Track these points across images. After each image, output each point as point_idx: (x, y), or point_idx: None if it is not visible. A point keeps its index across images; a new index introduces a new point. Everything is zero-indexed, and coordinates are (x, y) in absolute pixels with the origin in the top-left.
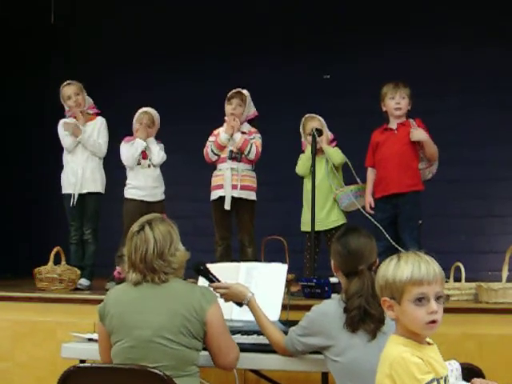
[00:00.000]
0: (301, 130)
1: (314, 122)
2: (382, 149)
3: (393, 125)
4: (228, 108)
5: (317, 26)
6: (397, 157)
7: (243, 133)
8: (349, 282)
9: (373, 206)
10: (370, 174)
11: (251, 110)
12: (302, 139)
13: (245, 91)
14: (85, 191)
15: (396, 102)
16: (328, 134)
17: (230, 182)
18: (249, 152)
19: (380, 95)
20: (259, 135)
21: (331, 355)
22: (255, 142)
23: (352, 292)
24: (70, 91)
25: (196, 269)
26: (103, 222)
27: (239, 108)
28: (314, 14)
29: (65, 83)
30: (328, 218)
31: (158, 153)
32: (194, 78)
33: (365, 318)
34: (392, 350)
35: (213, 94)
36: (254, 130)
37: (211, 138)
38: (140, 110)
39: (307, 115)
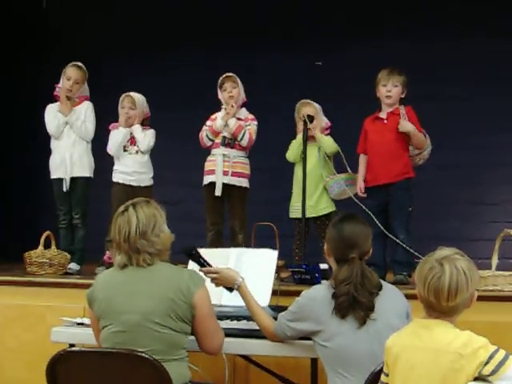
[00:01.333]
0: (295, 115)
1: (308, 107)
2: (371, 138)
3: (383, 114)
4: (224, 94)
5: (317, 12)
6: (386, 147)
7: (239, 119)
8: (339, 268)
9: (363, 190)
10: (362, 160)
11: (243, 94)
12: (298, 125)
13: (233, 74)
14: (73, 176)
15: (387, 89)
16: (323, 122)
17: (222, 168)
18: (242, 138)
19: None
20: (255, 122)
21: (320, 340)
22: (249, 130)
23: (340, 279)
24: (72, 75)
25: (187, 253)
26: (93, 207)
27: (235, 90)
28: (314, 1)
29: (74, 64)
30: (317, 205)
31: (143, 139)
32: (191, 65)
33: (354, 305)
34: (472, 337)
35: (208, 80)
36: (251, 116)
37: (208, 123)
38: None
39: (302, 100)
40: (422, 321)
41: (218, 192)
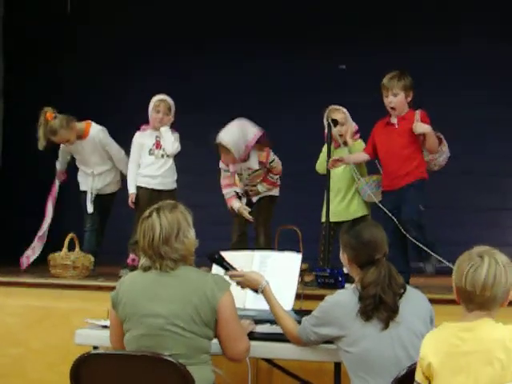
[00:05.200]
0: (324, 121)
1: (337, 113)
2: (384, 145)
3: (394, 119)
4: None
5: (336, 16)
6: (399, 153)
7: (250, 169)
8: (364, 272)
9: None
10: (362, 155)
11: (252, 135)
12: (325, 131)
13: (227, 141)
14: (99, 193)
15: (389, 101)
16: (352, 126)
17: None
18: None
19: None
20: (272, 156)
21: (344, 345)
22: (271, 181)
23: (369, 281)
24: (56, 139)
25: (211, 258)
26: (116, 210)
27: (230, 159)
28: (333, 4)
29: (51, 131)
30: (348, 208)
31: (172, 143)
32: (209, 69)
33: (379, 306)
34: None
35: (228, 83)
36: (264, 154)
37: (222, 168)
38: (156, 98)
39: (331, 106)
40: (460, 324)
41: (247, 216)
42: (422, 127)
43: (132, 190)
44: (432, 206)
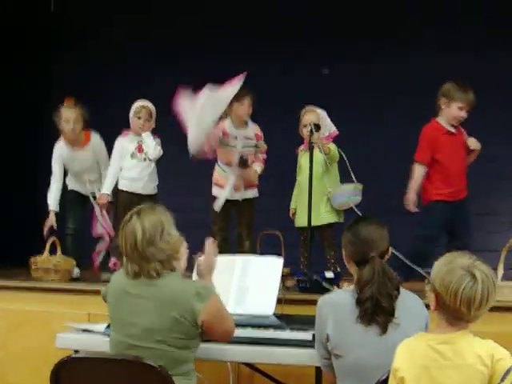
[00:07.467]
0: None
1: (311, 115)
2: (449, 155)
3: (453, 128)
4: (240, 109)
5: (329, 21)
6: (461, 165)
7: (249, 138)
8: (360, 270)
9: (415, 206)
10: (421, 171)
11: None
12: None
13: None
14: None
15: (462, 116)
16: (326, 130)
17: (231, 188)
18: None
19: (445, 91)
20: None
21: (335, 349)
22: (263, 159)
23: (364, 280)
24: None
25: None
26: None
27: (250, 108)
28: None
29: None
30: (318, 214)
31: (154, 147)
32: (196, 71)
33: (377, 309)
34: (495, 348)
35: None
36: (259, 131)
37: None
38: (137, 104)
39: (306, 107)
40: (437, 336)
41: (217, 208)
42: (476, 143)
43: (104, 190)
44: None
